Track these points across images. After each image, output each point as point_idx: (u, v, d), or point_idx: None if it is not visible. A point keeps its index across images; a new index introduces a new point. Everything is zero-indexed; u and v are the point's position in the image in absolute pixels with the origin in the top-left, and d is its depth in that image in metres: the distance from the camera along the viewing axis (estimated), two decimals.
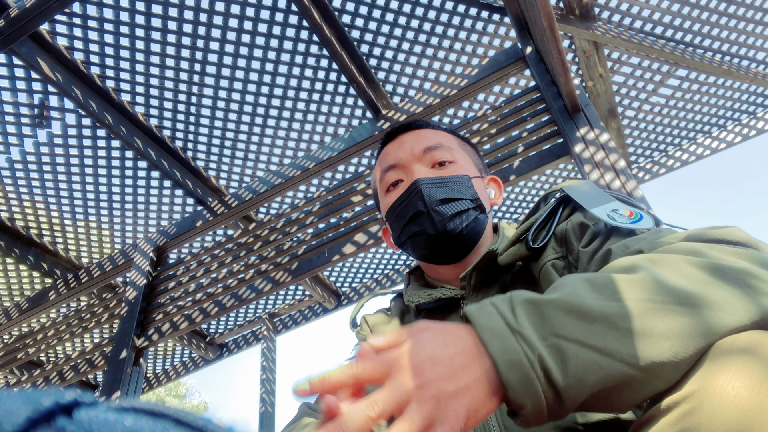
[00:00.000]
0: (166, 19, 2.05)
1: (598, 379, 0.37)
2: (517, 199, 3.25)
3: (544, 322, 0.39)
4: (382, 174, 0.81)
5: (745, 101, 2.80)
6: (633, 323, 0.38)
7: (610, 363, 0.37)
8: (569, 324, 0.38)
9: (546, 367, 0.37)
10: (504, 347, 0.38)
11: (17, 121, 2.24)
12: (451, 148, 0.80)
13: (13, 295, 3.12)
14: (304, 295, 3.64)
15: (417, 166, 0.77)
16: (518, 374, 0.37)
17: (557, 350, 0.38)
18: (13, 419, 0.14)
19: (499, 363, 0.38)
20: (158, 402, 0.18)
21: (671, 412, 0.35)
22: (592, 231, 0.64)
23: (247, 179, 2.78)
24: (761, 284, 0.40)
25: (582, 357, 0.37)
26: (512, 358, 0.38)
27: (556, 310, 0.39)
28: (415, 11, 2.17)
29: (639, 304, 0.39)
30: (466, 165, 0.81)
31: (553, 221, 0.70)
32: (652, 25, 2.35)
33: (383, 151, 0.85)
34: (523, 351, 0.38)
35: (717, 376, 0.34)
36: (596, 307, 0.39)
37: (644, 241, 0.55)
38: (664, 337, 0.37)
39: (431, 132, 0.83)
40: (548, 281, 0.64)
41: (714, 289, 0.40)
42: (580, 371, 0.37)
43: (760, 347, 0.34)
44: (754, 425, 0.30)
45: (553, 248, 0.67)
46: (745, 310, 0.38)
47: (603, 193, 0.69)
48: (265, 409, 3.16)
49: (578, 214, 0.69)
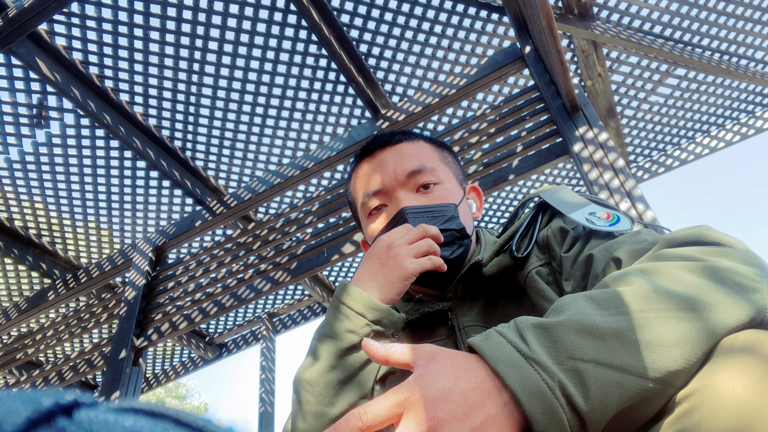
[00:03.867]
0: (164, 19, 2.04)
1: (620, 398, 0.36)
2: (516, 198, 3.25)
3: (557, 346, 0.38)
4: (365, 198, 0.78)
5: (744, 100, 2.80)
6: (643, 335, 0.37)
7: (628, 379, 0.36)
8: (582, 344, 0.37)
9: (568, 393, 0.36)
10: (522, 378, 0.36)
11: (16, 122, 2.23)
12: (434, 168, 0.77)
13: (12, 295, 3.11)
14: (303, 295, 3.64)
15: (401, 192, 0.74)
16: (542, 405, 0.35)
17: (576, 374, 0.36)
18: (12, 419, 0.14)
19: (520, 395, 0.36)
20: (158, 403, 0.18)
21: (672, 411, 0.35)
22: (572, 236, 0.65)
23: (246, 179, 2.77)
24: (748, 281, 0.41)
25: (601, 377, 0.36)
26: (533, 389, 0.36)
27: (567, 332, 0.38)
28: (413, 10, 2.17)
29: (644, 314, 0.39)
30: (450, 184, 0.77)
31: (534, 228, 0.70)
32: (651, 25, 2.35)
33: (362, 169, 0.81)
34: (543, 379, 0.36)
35: (717, 375, 0.34)
36: (605, 323, 0.38)
37: (624, 245, 0.56)
38: (674, 344, 0.37)
39: (412, 148, 0.79)
40: (535, 289, 0.64)
41: (709, 291, 0.40)
42: (601, 393, 0.36)
43: (760, 346, 0.34)
44: (754, 423, 0.31)
45: (536, 256, 0.68)
46: (740, 308, 0.39)
47: (579, 197, 0.70)
48: (264, 408, 3.16)
49: (557, 219, 0.70)
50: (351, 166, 0.85)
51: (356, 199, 0.82)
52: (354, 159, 0.85)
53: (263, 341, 3.52)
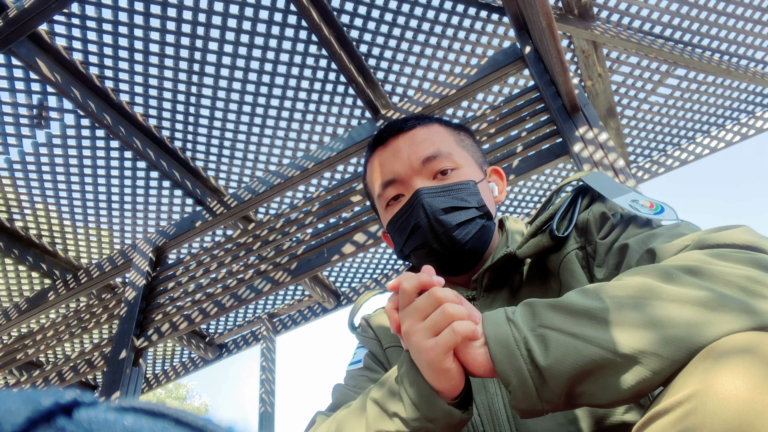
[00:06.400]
0: (165, 19, 2.04)
1: (576, 360, 0.41)
2: (516, 198, 3.25)
3: (534, 317, 0.46)
4: (381, 189, 0.76)
5: (743, 100, 2.80)
6: (612, 315, 0.42)
7: (586, 347, 0.41)
8: (554, 317, 0.44)
9: (530, 348, 0.43)
10: (497, 330, 0.46)
11: (16, 122, 2.23)
12: (451, 153, 0.74)
13: (12, 295, 3.11)
14: (303, 295, 3.64)
15: (418, 180, 0.72)
16: (505, 351, 0.44)
17: (541, 337, 0.44)
18: (12, 419, 0.14)
19: (490, 341, 0.45)
20: (158, 402, 0.18)
21: (673, 412, 0.35)
22: (611, 222, 0.65)
23: (246, 179, 2.77)
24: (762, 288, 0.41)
25: (561, 341, 0.42)
26: (501, 338, 0.45)
27: (545, 308, 0.46)
28: (413, 11, 2.17)
29: (621, 301, 0.43)
30: (468, 168, 0.74)
31: (573, 211, 0.68)
32: (650, 25, 2.35)
33: (376, 159, 0.78)
34: (512, 334, 0.45)
35: (718, 376, 0.34)
36: (580, 304, 0.44)
37: (661, 237, 0.55)
38: (642, 327, 0.40)
39: (425, 132, 0.76)
40: (569, 270, 0.63)
41: (706, 293, 0.40)
42: (559, 353, 0.42)
43: (760, 347, 0.34)
44: (755, 424, 0.30)
45: (574, 238, 0.66)
46: (739, 314, 0.39)
47: (620, 184, 0.69)
48: (264, 409, 3.16)
49: (599, 204, 0.68)
50: (366, 155, 0.83)
51: (372, 190, 0.80)
52: (368, 148, 0.82)
53: (263, 341, 3.51)
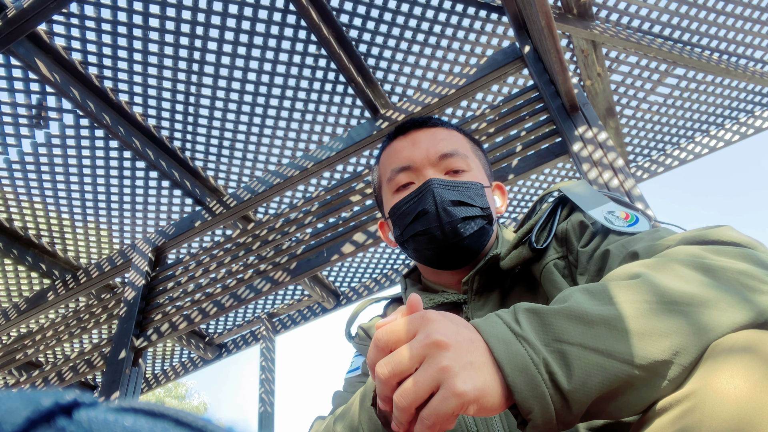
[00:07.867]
0: (164, 19, 2.04)
1: (602, 381, 0.37)
2: (515, 198, 3.25)
3: (545, 329, 0.40)
4: (392, 173, 0.78)
5: (743, 100, 2.80)
6: (631, 323, 0.39)
7: (612, 364, 0.37)
8: (570, 328, 0.39)
9: (551, 371, 0.38)
10: (510, 351, 0.39)
11: (15, 122, 2.23)
12: (466, 156, 0.77)
13: (11, 295, 3.11)
14: (303, 295, 3.63)
15: (431, 171, 0.74)
16: (525, 377, 0.37)
17: (561, 354, 0.38)
18: (12, 419, 0.14)
19: (505, 366, 0.38)
20: (158, 402, 0.18)
21: (672, 410, 0.35)
22: (590, 231, 0.65)
23: (246, 179, 2.77)
24: (758, 283, 0.41)
25: (585, 360, 0.38)
26: (518, 362, 0.38)
27: (557, 317, 0.40)
28: (413, 10, 2.17)
29: (636, 305, 0.40)
30: (479, 174, 0.78)
31: (553, 222, 0.70)
32: (650, 24, 2.35)
33: (394, 146, 0.81)
34: (529, 355, 0.38)
35: (717, 374, 0.34)
36: (595, 311, 0.40)
37: (642, 242, 0.55)
38: (663, 335, 0.38)
39: (446, 133, 0.80)
40: (550, 280, 0.64)
41: (710, 290, 0.40)
42: (584, 374, 0.37)
43: (760, 345, 0.34)
44: (755, 422, 0.30)
45: (554, 248, 0.68)
46: (739, 309, 0.38)
47: (598, 193, 0.70)
48: (264, 408, 3.16)
49: (577, 213, 0.69)
50: (383, 143, 0.85)
51: (383, 174, 0.81)
52: (386, 138, 0.84)
53: (263, 341, 3.51)
